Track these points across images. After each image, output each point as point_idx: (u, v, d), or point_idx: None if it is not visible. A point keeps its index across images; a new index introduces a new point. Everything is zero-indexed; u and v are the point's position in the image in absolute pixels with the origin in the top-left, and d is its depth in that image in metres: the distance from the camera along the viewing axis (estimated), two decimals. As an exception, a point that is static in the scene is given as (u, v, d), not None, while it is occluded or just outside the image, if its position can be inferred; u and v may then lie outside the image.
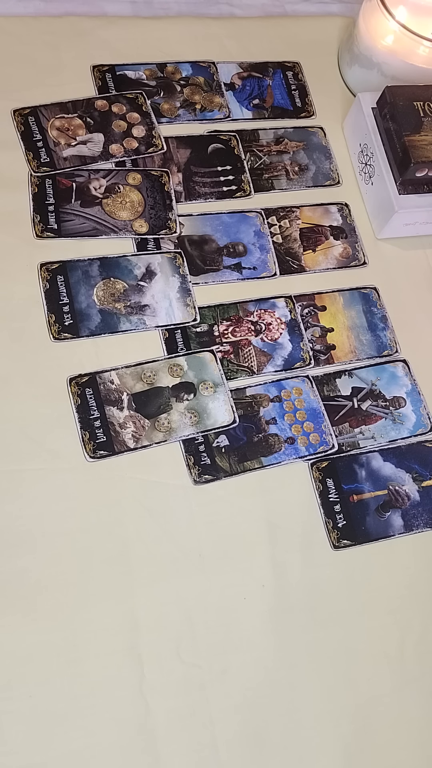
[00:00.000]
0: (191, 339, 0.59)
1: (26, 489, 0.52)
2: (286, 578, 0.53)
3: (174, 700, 0.49)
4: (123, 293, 0.59)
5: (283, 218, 0.65)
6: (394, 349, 0.62)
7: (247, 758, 0.48)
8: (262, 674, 0.50)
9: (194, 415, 0.56)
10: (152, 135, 0.66)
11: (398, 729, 0.51)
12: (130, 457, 0.54)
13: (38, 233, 0.60)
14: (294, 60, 0.73)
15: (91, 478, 0.53)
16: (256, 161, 0.67)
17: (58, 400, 0.54)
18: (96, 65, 0.68)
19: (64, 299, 0.58)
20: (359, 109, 0.67)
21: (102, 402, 0.55)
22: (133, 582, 0.51)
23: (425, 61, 0.65)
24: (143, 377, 0.57)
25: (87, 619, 0.49)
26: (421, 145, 0.61)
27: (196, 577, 0.52)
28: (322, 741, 0.50)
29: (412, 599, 0.54)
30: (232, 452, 0.56)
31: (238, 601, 0.52)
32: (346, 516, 0.55)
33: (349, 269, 0.65)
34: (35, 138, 0.63)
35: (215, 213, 0.64)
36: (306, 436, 0.57)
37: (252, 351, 0.60)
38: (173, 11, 0.73)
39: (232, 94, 0.70)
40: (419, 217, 0.64)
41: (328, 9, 0.77)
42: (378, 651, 0.53)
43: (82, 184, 0.62)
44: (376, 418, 0.59)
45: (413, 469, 0.58)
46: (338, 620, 0.53)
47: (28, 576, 0.50)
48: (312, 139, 0.70)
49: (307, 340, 0.61)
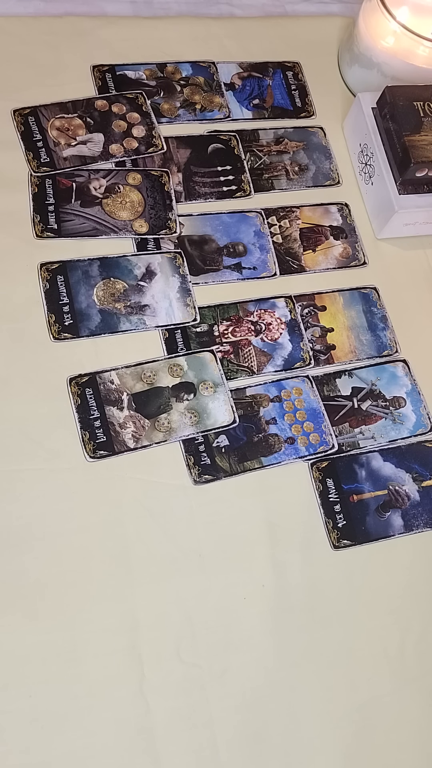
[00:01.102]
0: (191, 339, 0.59)
1: (26, 489, 0.52)
2: (286, 578, 0.53)
3: (174, 700, 0.49)
4: (123, 293, 0.59)
5: (283, 218, 0.65)
6: (394, 349, 0.62)
7: (247, 758, 0.48)
8: (262, 674, 0.50)
9: (194, 415, 0.56)
10: (152, 135, 0.66)
11: (398, 729, 0.51)
12: (130, 457, 0.54)
13: (38, 233, 0.60)
14: (294, 60, 0.73)
15: (91, 478, 0.53)
16: (256, 161, 0.67)
17: (58, 400, 0.54)
18: (96, 65, 0.68)
19: (64, 299, 0.58)
20: (359, 109, 0.67)
21: (102, 402, 0.55)
22: (133, 582, 0.51)
23: (425, 61, 0.65)
24: (143, 377, 0.56)
25: (87, 619, 0.49)
26: (421, 145, 0.62)
27: (196, 577, 0.52)
28: (322, 741, 0.50)
29: (412, 599, 0.54)
30: (232, 452, 0.56)
31: (238, 601, 0.52)
32: (346, 516, 0.55)
33: (349, 269, 0.65)
34: (35, 138, 0.63)
35: (215, 213, 0.64)
36: (306, 436, 0.57)
37: (252, 351, 0.60)
38: (173, 11, 0.73)
39: (232, 94, 0.70)
40: (419, 217, 0.64)
41: (328, 9, 0.77)
42: (378, 651, 0.53)
43: (82, 184, 0.62)
44: (376, 418, 0.59)
45: (413, 469, 0.58)
46: (338, 620, 0.53)
47: (28, 576, 0.50)
48: (312, 139, 0.70)
49: (307, 340, 0.61)
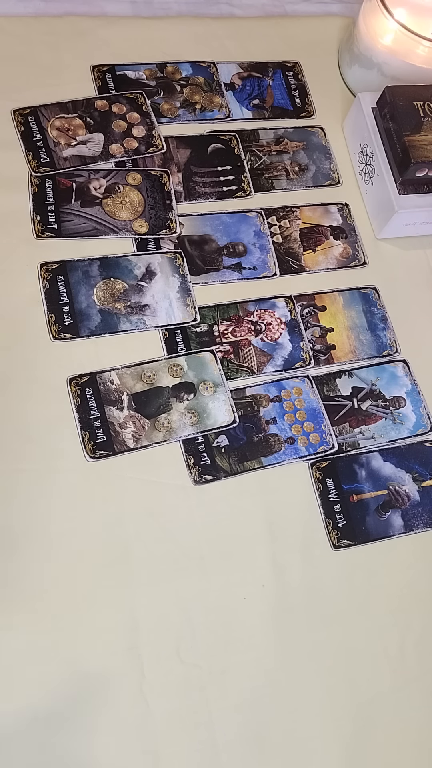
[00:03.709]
0: (191, 339, 0.59)
1: (26, 489, 0.52)
2: (286, 578, 0.53)
3: (174, 700, 0.49)
4: (123, 293, 0.59)
5: (283, 218, 0.65)
6: (394, 349, 0.62)
7: (247, 758, 0.48)
8: (262, 674, 0.50)
9: (194, 415, 0.56)
10: (152, 135, 0.66)
11: (398, 728, 0.51)
12: (130, 457, 0.54)
13: (38, 233, 0.60)
14: (294, 60, 0.73)
15: (91, 478, 0.53)
16: (256, 161, 0.67)
17: (58, 400, 0.54)
18: (96, 65, 0.68)
19: (64, 299, 0.58)
20: (359, 109, 0.67)
21: (102, 402, 0.55)
22: (133, 582, 0.51)
23: (425, 61, 0.65)
24: (143, 377, 0.56)
25: (87, 619, 0.49)
26: (421, 145, 0.62)
27: (196, 577, 0.52)
28: (322, 741, 0.50)
29: (412, 599, 0.54)
30: (232, 452, 0.56)
31: (238, 601, 0.52)
32: (346, 516, 0.55)
33: (349, 269, 0.65)
34: (35, 138, 0.63)
35: (215, 213, 0.64)
36: (306, 436, 0.57)
37: (252, 351, 0.60)
38: (173, 11, 0.73)
39: (232, 94, 0.70)
40: (419, 217, 0.64)
41: (328, 9, 0.77)
42: (378, 651, 0.53)
43: (82, 184, 0.62)
44: (376, 418, 0.59)
45: (413, 469, 0.58)
46: (338, 620, 0.53)
47: (28, 576, 0.50)
48: (312, 139, 0.70)
49: (307, 340, 0.61)
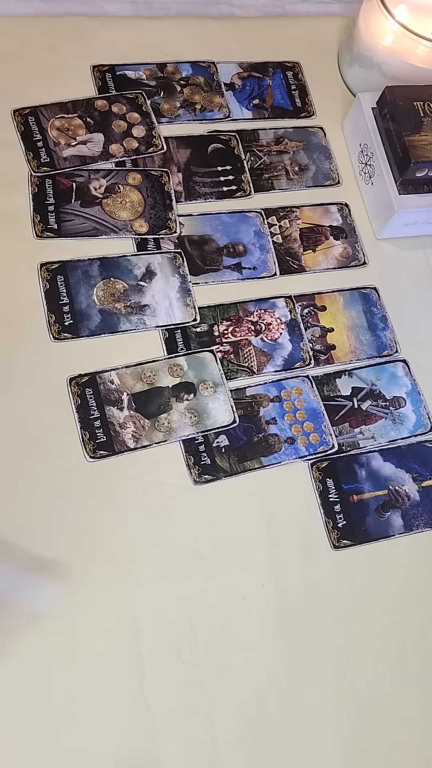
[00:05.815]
0: (191, 339, 0.59)
1: (26, 489, 0.52)
2: (286, 578, 0.53)
3: (174, 700, 0.49)
4: (123, 293, 0.59)
5: (283, 218, 0.65)
6: (394, 349, 0.62)
7: (247, 758, 0.48)
8: (262, 674, 0.50)
9: (194, 415, 0.56)
10: (152, 135, 0.66)
11: (398, 729, 0.51)
12: (130, 457, 0.54)
13: (38, 233, 0.60)
14: (294, 60, 0.73)
15: (91, 478, 0.53)
16: (256, 161, 0.67)
17: (58, 400, 0.54)
18: (96, 65, 0.68)
19: (64, 299, 0.58)
20: (359, 109, 0.67)
21: (102, 402, 0.55)
22: (133, 582, 0.51)
23: (425, 61, 0.65)
24: (143, 377, 0.56)
25: (87, 619, 0.49)
26: (421, 145, 0.61)
27: (196, 577, 0.52)
28: (322, 741, 0.50)
29: (412, 599, 0.54)
30: (232, 452, 0.56)
31: (238, 601, 0.52)
32: (346, 516, 0.55)
33: (349, 269, 0.65)
34: (35, 138, 0.63)
35: (215, 213, 0.64)
36: (306, 436, 0.57)
37: (252, 351, 0.60)
38: (173, 11, 0.73)
39: (232, 94, 0.70)
40: (419, 217, 0.64)
41: (328, 9, 0.77)
42: (378, 651, 0.53)
43: (82, 184, 0.62)
44: (376, 418, 0.59)
45: (413, 469, 0.58)
46: (338, 620, 0.53)
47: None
48: (312, 139, 0.70)
49: (307, 340, 0.61)
